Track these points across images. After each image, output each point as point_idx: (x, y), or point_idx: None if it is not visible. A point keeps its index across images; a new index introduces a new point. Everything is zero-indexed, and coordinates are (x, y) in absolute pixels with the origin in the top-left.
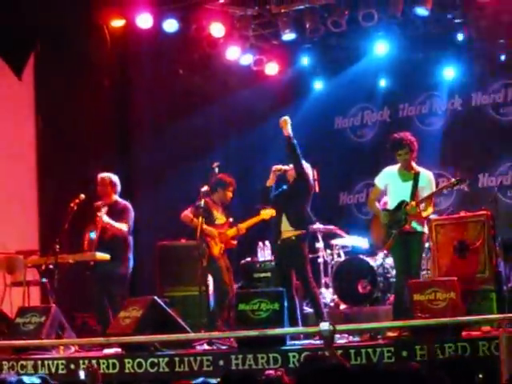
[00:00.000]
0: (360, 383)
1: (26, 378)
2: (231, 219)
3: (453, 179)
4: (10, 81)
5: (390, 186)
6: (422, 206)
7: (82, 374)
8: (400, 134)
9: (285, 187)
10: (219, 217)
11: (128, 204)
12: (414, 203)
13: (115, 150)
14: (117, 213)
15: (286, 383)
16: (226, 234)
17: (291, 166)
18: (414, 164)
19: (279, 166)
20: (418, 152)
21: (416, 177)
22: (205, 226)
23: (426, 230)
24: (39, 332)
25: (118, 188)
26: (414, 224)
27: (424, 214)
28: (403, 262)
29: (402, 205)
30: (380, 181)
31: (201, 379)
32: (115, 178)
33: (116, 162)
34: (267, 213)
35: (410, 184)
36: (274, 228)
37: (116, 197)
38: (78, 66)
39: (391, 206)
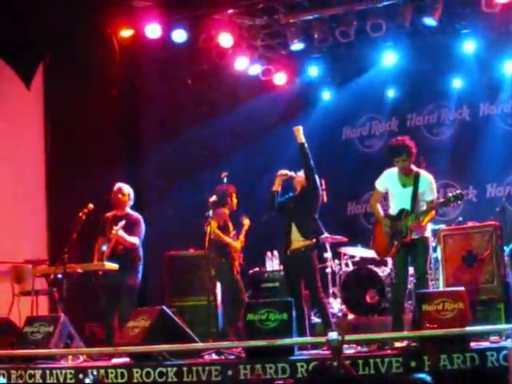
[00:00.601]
0: None
1: None
2: (235, 232)
3: (450, 194)
4: (19, 90)
5: (391, 190)
6: (422, 217)
7: (87, 380)
8: (398, 140)
9: (291, 195)
10: (231, 229)
11: (140, 217)
12: (414, 215)
13: (124, 160)
14: (129, 225)
15: None
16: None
17: (299, 173)
18: (412, 166)
19: (285, 171)
20: (427, 161)
21: (416, 180)
22: (229, 240)
23: (428, 233)
24: (48, 341)
25: (132, 201)
26: (414, 235)
27: (424, 223)
28: (403, 272)
29: (402, 214)
30: (380, 184)
31: None
32: (132, 191)
33: (124, 172)
34: (247, 222)
35: (410, 189)
36: (283, 237)
37: (128, 209)
38: (86, 76)
39: (393, 211)
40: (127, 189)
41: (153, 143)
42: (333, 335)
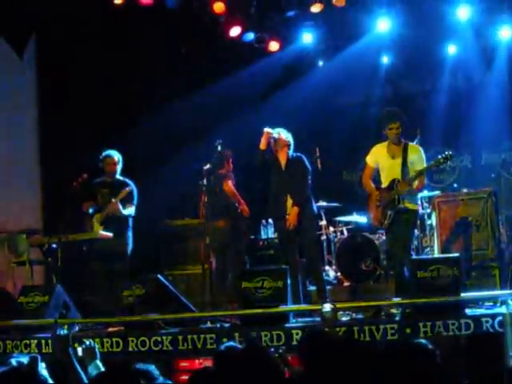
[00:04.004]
0: (366, 358)
1: (13, 360)
2: None
3: (439, 156)
4: (12, 61)
5: (381, 163)
6: (413, 182)
7: (80, 351)
8: (393, 108)
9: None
10: None
11: (131, 183)
12: (405, 183)
13: (117, 129)
14: (119, 191)
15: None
16: None
17: (278, 130)
18: (402, 138)
19: (270, 130)
20: (419, 130)
21: (405, 150)
22: (242, 201)
23: (419, 207)
24: (43, 311)
25: (120, 167)
26: (407, 203)
27: (416, 188)
28: (395, 243)
29: (393, 184)
30: (371, 159)
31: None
32: (119, 156)
33: (118, 141)
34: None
35: (399, 160)
36: (278, 204)
37: (118, 175)
38: (79, 46)
39: (384, 183)
40: (115, 155)
41: (146, 111)
42: (326, 307)
